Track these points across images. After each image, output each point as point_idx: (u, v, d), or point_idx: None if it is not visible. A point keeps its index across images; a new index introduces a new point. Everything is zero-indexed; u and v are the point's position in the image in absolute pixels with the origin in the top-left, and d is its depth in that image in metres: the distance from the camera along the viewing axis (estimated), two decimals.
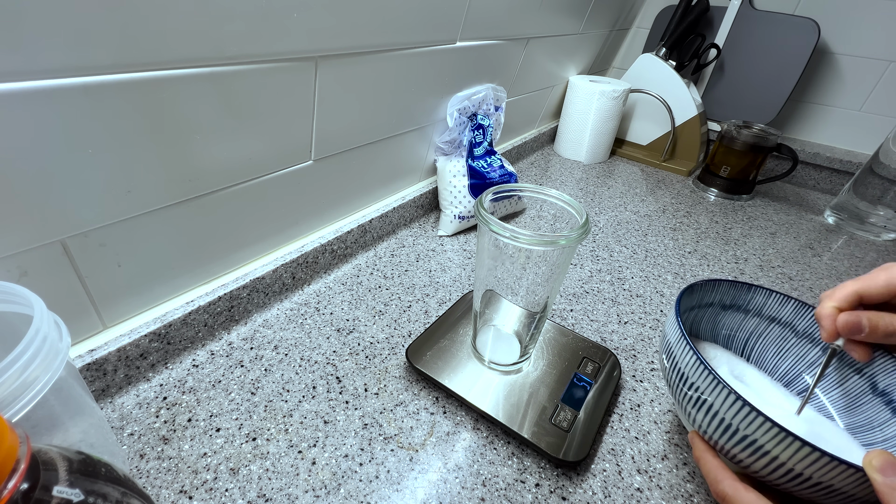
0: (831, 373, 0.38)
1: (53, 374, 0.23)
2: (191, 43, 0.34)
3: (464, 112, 0.67)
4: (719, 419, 0.30)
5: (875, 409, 0.35)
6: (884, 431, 0.34)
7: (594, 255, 0.68)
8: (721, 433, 0.30)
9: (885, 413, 0.34)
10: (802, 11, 0.94)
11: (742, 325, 0.43)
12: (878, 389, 0.35)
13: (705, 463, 0.32)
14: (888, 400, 0.34)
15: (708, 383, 0.30)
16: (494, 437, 0.39)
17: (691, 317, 0.41)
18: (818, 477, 0.26)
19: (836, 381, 0.38)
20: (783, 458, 0.27)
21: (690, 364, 0.32)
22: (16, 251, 0.32)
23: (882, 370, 0.35)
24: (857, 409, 0.36)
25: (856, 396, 0.36)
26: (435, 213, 0.74)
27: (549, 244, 0.34)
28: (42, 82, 0.28)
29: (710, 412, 0.30)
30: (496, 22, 0.65)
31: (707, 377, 0.30)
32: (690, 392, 0.32)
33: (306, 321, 0.50)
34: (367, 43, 0.48)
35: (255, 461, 0.36)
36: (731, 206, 0.89)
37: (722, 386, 0.29)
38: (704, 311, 0.42)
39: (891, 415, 0.34)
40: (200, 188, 0.41)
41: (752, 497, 0.28)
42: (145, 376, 0.42)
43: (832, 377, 0.38)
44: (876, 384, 0.35)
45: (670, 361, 0.35)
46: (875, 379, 0.35)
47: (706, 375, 0.30)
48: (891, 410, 0.34)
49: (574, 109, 0.98)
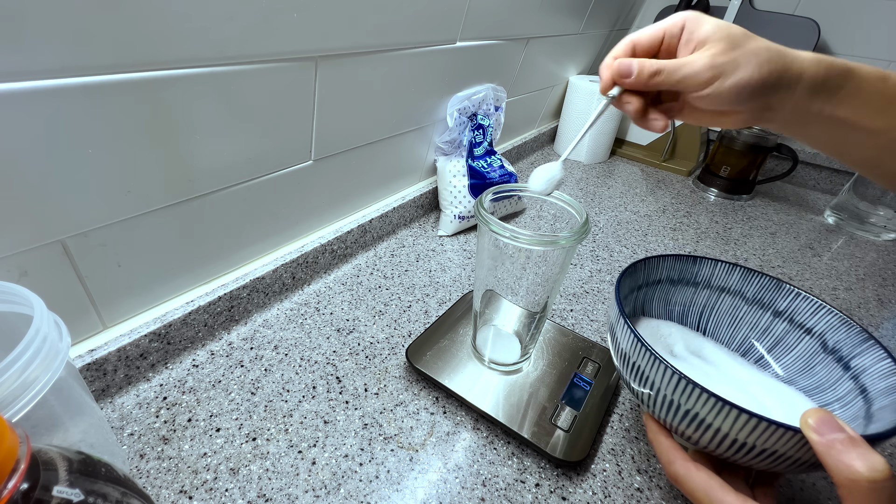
0: (784, 337, 0.39)
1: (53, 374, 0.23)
2: (191, 43, 0.34)
3: (464, 112, 0.67)
4: (662, 396, 0.30)
5: (828, 369, 0.35)
6: (836, 390, 0.34)
7: (594, 255, 0.68)
8: (666, 410, 0.30)
9: (837, 371, 0.34)
10: (802, 11, 0.94)
11: (693, 298, 0.43)
12: (829, 347, 0.36)
13: (658, 444, 0.31)
14: (838, 357, 0.35)
15: (646, 361, 0.30)
16: (494, 437, 0.39)
17: (641, 296, 0.41)
18: (761, 444, 0.26)
19: (789, 346, 0.38)
20: (724, 428, 0.27)
21: (630, 343, 0.32)
22: (16, 251, 0.32)
23: (830, 327, 0.35)
24: (811, 370, 0.36)
25: (808, 358, 0.37)
26: (435, 213, 0.74)
27: (549, 244, 0.34)
28: (43, 82, 0.28)
29: (653, 389, 0.30)
30: (496, 22, 0.65)
31: (644, 354, 0.30)
32: (634, 372, 0.32)
33: (306, 321, 0.50)
34: (367, 43, 0.48)
35: (255, 461, 0.36)
36: (731, 206, 0.89)
37: (658, 361, 0.29)
38: (654, 288, 0.42)
39: (842, 372, 0.34)
40: (200, 188, 0.41)
41: (703, 476, 0.28)
42: (145, 376, 0.42)
43: (786, 343, 0.38)
44: (826, 342, 0.36)
45: (614, 344, 0.35)
46: (824, 337, 0.36)
47: (643, 352, 0.30)
48: (842, 367, 0.34)
49: (574, 109, 0.98)
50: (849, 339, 0.34)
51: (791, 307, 0.38)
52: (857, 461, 0.22)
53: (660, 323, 0.42)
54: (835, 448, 0.23)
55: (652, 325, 0.42)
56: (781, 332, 0.39)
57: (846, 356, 0.34)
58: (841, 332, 0.35)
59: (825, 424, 0.24)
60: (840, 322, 0.35)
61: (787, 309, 0.38)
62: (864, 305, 0.63)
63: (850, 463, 0.22)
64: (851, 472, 0.22)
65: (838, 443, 0.23)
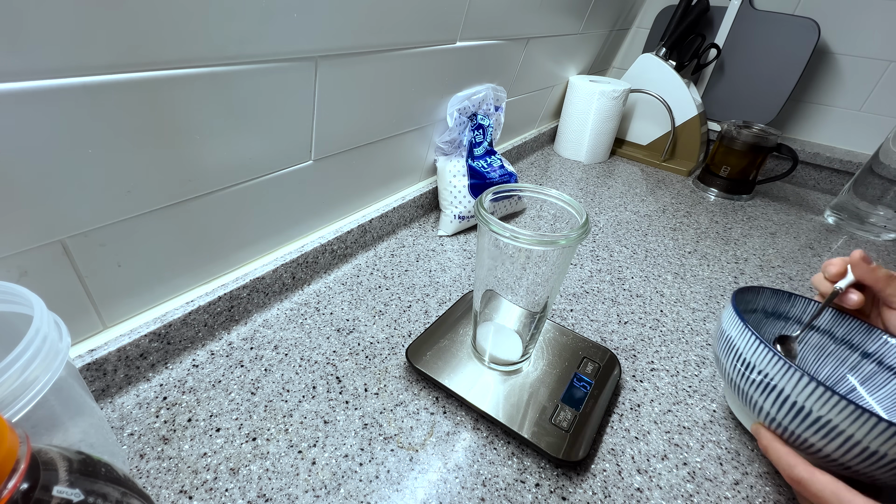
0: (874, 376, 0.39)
1: (53, 374, 0.23)
2: (191, 43, 0.34)
3: (464, 112, 0.67)
4: (790, 403, 0.30)
5: None
6: None
7: (594, 255, 0.68)
8: (792, 418, 0.30)
9: None
10: (802, 11, 0.94)
11: (783, 332, 0.43)
12: None
13: (775, 450, 0.32)
14: None
15: (777, 368, 0.31)
16: (494, 437, 0.39)
17: None
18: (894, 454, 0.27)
19: (878, 384, 0.39)
20: (858, 436, 0.27)
21: (755, 350, 0.32)
22: (16, 251, 0.32)
23: None
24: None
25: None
26: (435, 213, 0.74)
27: (549, 244, 0.34)
28: (43, 82, 0.28)
29: (781, 397, 0.31)
30: (496, 22, 0.65)
31: (776, 362, 0.31)
32: (757, 378, 0.32)
33: (306, 321, 0.50)
34: (367, 43, 0.48)
35: (255, 461, 0.36)
36: (731, 206, 0.89)
37: (793, 369, 0.30)
38: (749, 316, 0.43)
39: None
40: (200, 188, 0.41)
41: (827, 479, 0.28)
42: (145, 376, 0.42)
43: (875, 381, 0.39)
44: None
45: (732, 352, 0.35)
46: None
47: (775, 360, 0.31)
48: None
49: (574, 109, 0.98)
50: None
51: (881, 351, 0.39)
52: None
53: None
54: None
55: None
56: (870, 371, 0.39)
57: None
58: None
59: None
60: None
61: (877, 352, 0.39)
62: None
63: None
64: None
65: None
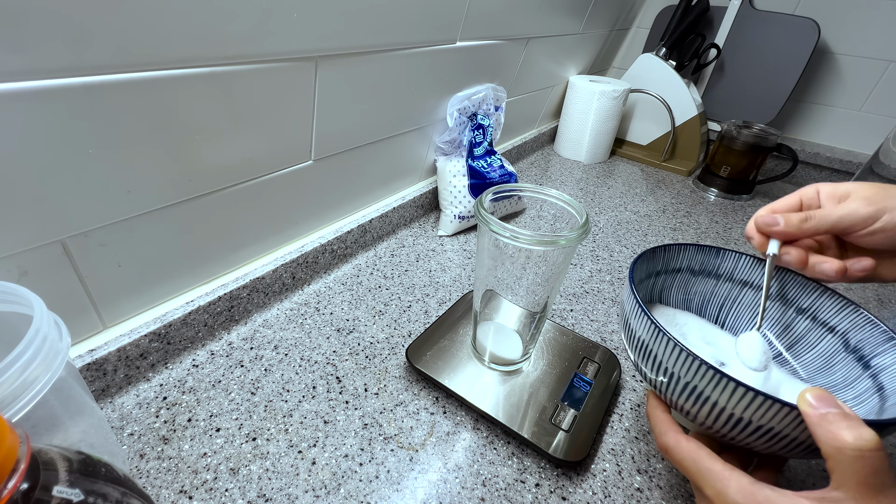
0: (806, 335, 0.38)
1: (53, 374, 0.23)
2: (191, 43, 0.34)
3: (464, 112, 0.67)
4: (663, 368, 0.30)
5: (847, 367, 0.35)
6: (855, 388, 0.34)
7: (594, 255, 0.68)
8: (666, 383, 0.30)
9: (857, 369, 0.34)
10: (802, 11, 0.94)
11: (714, 291, 0.42)
12: (850, 346, 0.35)
13: (653, 417, 0.32)
14: (860, 356, 0.34)
15: (649, 332, 0.30)
16: (494, 437, 0.39)
17: (659, 282, 0.41)
18: (757, 420, 0.26)
19: (809, 344, 0.38)
20: (721, 402, 0.27)
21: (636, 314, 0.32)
22: (16, 251, 0.32)
23: (854, 326, 0.35)
24: (830, 368, 0.36)
25: (829, 356, 0.36)
26: (435, 213, 0.74)
27: (549, 244, 0.34)
28: (42, 82, 0.28)
29: (655, 362, 0.30)
30: (496, 22, 0.65)
31: (648, 325, 0.30)
32: (637, 343, 0.32)
33: (306, 321, 0.50)
34: (367, 43, 0.48)
35: (255, 461, 0.36)
36: (731, 206, 0.89)
37: (660, 333, 0.29)
38: (673, 276, 0.41)
39: (861, 370, 0.34)
40: (200, 188, 0.41)
41: (692, 446, 0.28)
42: (145, 376, 0.42)
43: (807, 340, 0.38)
44: (848, 341, 0.35)
45: (622, 317, 0.35)
46: (847, 335, 0.35)
47: (647, 323, 0.30)
48: (861, 366, 0.34)
49: (574, 109, 0.98)
50: (872, 339, 0.34)
51: (815, 305, 0.38)
52: (846, 431, 0.22)
53: (676, 312, 0.42)
54: (826, 419, 0.23)
55: (668, 313, 0.41)
56: (803, 329, 0.38)
57: (867, 355, 0.34)
58: (866, 330, 0.34)
59: (822, 400, 0.24)
60: (865, 321, 0.34)
61: (811, 307, 0.38)
62: (863, 305, 0.62)
63: (837, 433, 0.22)
64: (838, 440, 0.22)
65: (830, 415, 0.23)
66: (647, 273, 0.39)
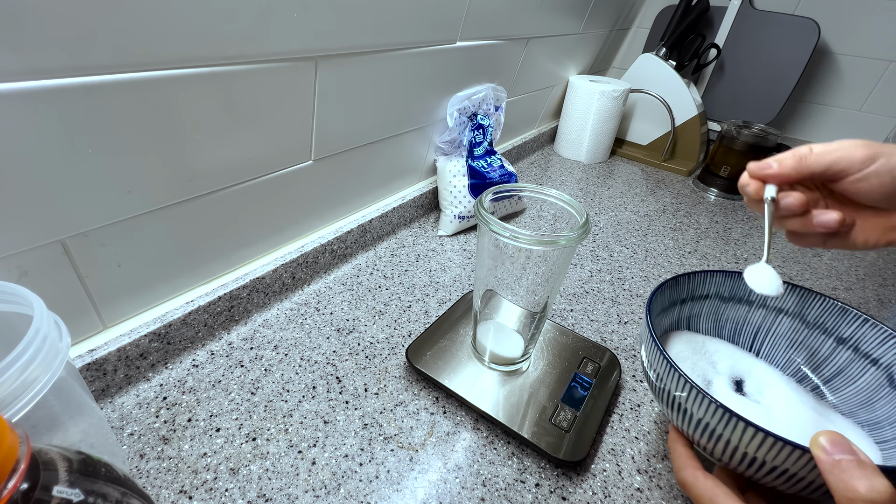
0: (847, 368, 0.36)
1: (53, 374, 0.23)
2: (191, 43, 0.34)
3: (464, 112, 0.67)
4: (677, 404, 0.30)
5: (891, 404, 0.33)
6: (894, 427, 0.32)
7: (594, 255, 0.68)
8: (682, 420, 0.30)
9: None
10: (802, 11, 0.94)
11: (747, 318, 0.40)
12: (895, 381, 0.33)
13: (673, 451, 0.32)
14: None
15: (663, 367, 0.30)
16: (494, 437, 0.39)
17: (687, 309, 0.40)
18: (772, 461, 0.25)
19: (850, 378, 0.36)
20: (734, 440, 0.26)
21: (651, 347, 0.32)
22: (16, 251, 0.32)
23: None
24: (872, 405, 0.34)
25: (872, 391, 0.34)
26: (435, 213, 0.74)
27: (549, 244, 0.34)
28: (42, 82, 0.28)
29: (669, 397, 0.30)
30: (496, 22, 0.65)
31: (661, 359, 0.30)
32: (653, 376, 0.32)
33: (306, 321, 0.50)
34: (367, 43, 0.48)
35: (255, 461, 0.36)
36: (731, 206, 0.89)
37: (672, 369, 0.29)
38: (701, 303, 0.40)
39: None
40: (200, 188, 0.41)
41: (709, 484, 0.28)
42: (145, 376, 0.42)
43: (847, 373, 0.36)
44: (893, 375, 0.33)
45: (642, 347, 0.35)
46: (892, 370, 0.33)
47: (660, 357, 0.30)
48: None
49: (574, 109, 0.98)
50: None
51: (857, 335, 0.35)
52: (859, 481, 0.21)
53: (706, 339, 0.40)
54: (839, 467, 0.22)
55: (697, 340, 0.40)
56: (844, 361, 0.36)
57: None
58: None
59: (836, 445, 0.23)
60: None
61: (853, 336, 0.36)
62: (864, 305, 0.63)
63: (850, 482, 0.22)
64: (850, 490, 0.21)
65: (844, 462, 0.22)
66: (670, 301, 0.38)
